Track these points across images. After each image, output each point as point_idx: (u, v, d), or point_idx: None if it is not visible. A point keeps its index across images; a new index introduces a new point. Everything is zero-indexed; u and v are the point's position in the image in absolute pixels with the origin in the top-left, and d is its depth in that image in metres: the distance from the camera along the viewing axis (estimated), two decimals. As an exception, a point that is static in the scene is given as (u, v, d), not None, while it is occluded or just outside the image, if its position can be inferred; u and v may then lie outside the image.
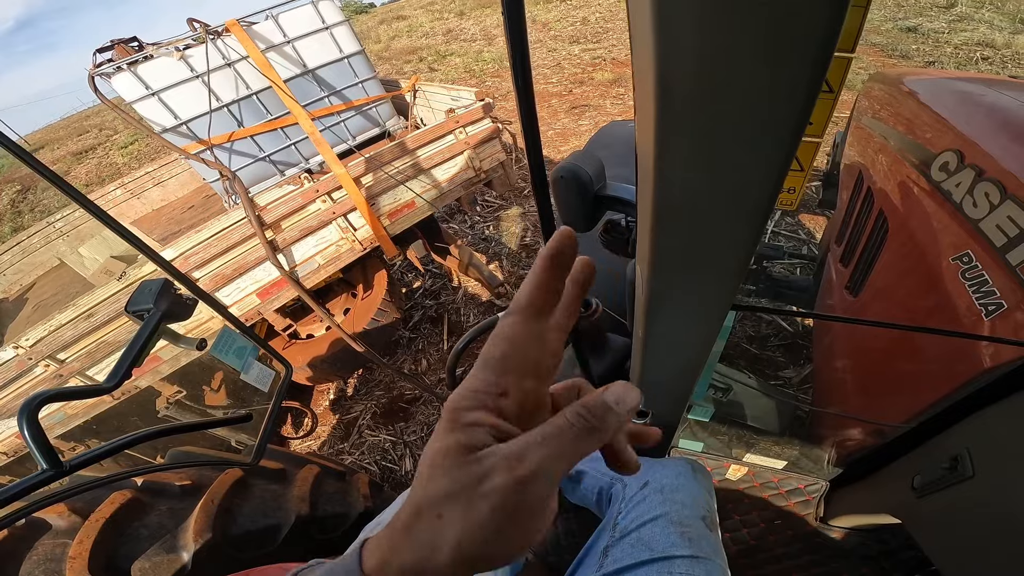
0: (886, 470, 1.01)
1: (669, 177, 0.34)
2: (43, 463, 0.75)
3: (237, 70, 2.79)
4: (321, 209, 2.25)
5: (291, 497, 1.49)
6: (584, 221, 1.08)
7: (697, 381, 0.72)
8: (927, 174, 1.11)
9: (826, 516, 1.24)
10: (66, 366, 2.07)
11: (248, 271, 2.17)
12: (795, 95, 0.26)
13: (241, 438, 2.84)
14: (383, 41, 14.49)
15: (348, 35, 3.17)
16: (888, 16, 7.16)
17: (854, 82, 5.04)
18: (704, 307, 0.50)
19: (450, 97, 3.04)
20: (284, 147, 3.07)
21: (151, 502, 1.30)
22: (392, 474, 2.67)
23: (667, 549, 0.70)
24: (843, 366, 1.49)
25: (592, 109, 6.17)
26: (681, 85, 0.27)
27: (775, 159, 0.31)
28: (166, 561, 1.13)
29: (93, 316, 1.97)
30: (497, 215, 4.36)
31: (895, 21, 6.85)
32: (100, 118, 19.10)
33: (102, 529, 1.14)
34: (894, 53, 5.84)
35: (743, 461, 1.23)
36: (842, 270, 1.60)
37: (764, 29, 0.23)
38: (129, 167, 11.15)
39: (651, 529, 0.74)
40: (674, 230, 0.39)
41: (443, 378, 3.06)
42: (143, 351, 1.02)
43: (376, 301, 2.77)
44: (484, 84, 8.59)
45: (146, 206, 4.05)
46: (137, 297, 1.07)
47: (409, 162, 2.46)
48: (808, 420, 1.57)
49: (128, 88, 2.57)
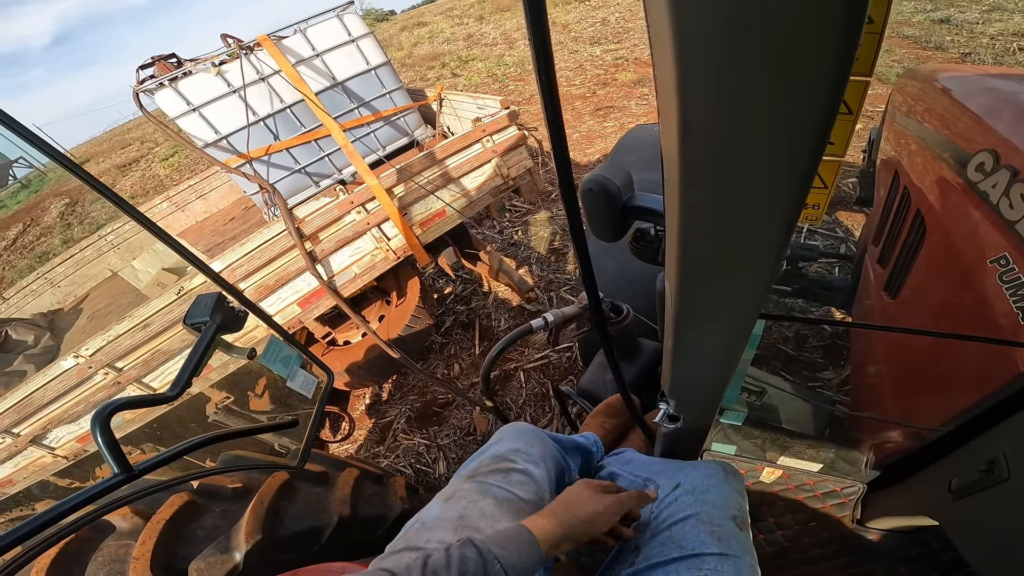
0: (923, 472, 1.00)
1: (693, 200, 0.36)
2: (115, 467, 0.80)
3: (271, 84, 2.90)
4: (356, 220, 2.32)
5: (333, 499, 1.54)
6: (613, 232, 1.10)
7: (727, 388, 0.73)
8: (963, 174, 1.09)
9: (863, 518, 1.22)
10: (123, 374, 2.19)
11: (289, 282, 2.26)
12: (812, 121, 0.28)
13: (283, 442, 2.95)
14: (405, 48, 14.69)
15: (374, 47, 3.25)
16: (919, 8, 6.92)
17: (888, 75, 4.88)
18: (731, 318, 0.52)
19: (476, 105, 3.08)
20: (318, 159, 3.16)
21: (206, 504, 1.37)
22: (426, 477, 2.72)
23: (696, 547, 0.73)
24: (880, 369, 1.47)
25: (617, 111, 6.13)
26: (703, 120, 0.29)
27: (796, 180, 0.33)
28: (220, 562, 1.18)
29: (149, 326, 2.08)
30: (525, 220, 4.39)
31: (926, 13, 6.61)
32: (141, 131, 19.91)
33: (162, 531, 1.20)
34: (928, 45, 5.64)
35: (777, 464, 1.21)
36: (879, 271, 1.57)
37: (780, 62, 0.25)
38: (171, 179, 11.62)
39: (681, 528, 0.77)
40: (700, 246, 0.41)
41: (475, 382, 3.11)
42: (201, 361, 1.07)
43: (410, 308, 2.84)
44: (507, 88, 8.64)
45: (190, 218, 4.23)
46: (194, 310, 1.11)
47: (438, 172, 2.51)
48: (846, 423, 1.55)
49: (171, 104, 2.69)
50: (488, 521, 0.75)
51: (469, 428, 2.86)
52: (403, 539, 0.74)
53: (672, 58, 0.26)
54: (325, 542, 1.41)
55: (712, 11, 0.23)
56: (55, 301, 4.16)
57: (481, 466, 0.87)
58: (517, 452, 0.90)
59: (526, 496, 0.81)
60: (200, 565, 1.16)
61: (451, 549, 0.62)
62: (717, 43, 0.24)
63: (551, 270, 3.70)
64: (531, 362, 3.04)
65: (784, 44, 0.24)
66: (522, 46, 11.22)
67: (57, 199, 14.02)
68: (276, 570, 1.03)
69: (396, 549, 0.72)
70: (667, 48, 0.26)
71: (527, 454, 0.90)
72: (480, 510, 0.76)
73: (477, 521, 0.74)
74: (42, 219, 13.37)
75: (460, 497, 0.79)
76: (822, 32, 0.23)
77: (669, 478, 0.89)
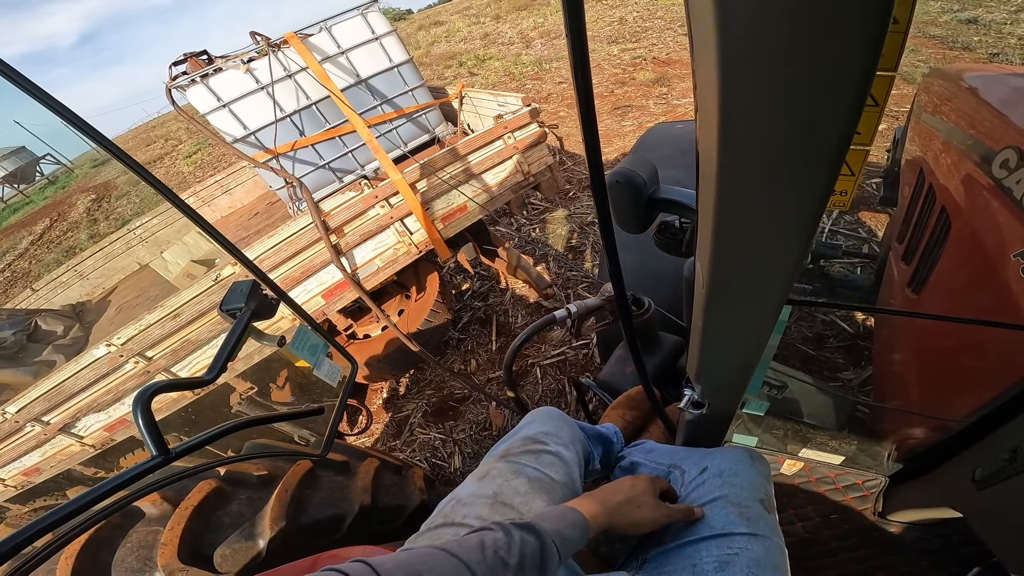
0: (946, 464, 1.01)
1: (729, 184, 0.38)
2: (153, 449, 0.82)
3: (297, 81, 2.96)
4: (380, 214, 2.35)
5: (354, 488, 1.56)
6: (638, 224, 1.11)
7: (753, 374, 0.73)
8: (988, 171, 1.10)
9: (884, 511, 1.22)
10: (153, 363, 2.25)
11: (314, 274, 2.30)
12: (843, 109, 0.30)
13: (303, 433, 3.01)
14: (423, 47, 14.79)
15: (397, 44, 3.29)
16: (945, 8, 6.79)
17: (914, 75, 4.80)
18: (760, 301, 0.53)
19: (497, 103, 3.10)
20: (342, 155, 3.22)
21: (232, 491, 1.38)
22: (441, 471, 2.75)
23: (726, 527, 0.74)
24: (904, 362, 1.47)
25: (635, 109, 6.11)
26: (743, 108, 0.31)
27: (826, 164, 0.35)
28: (244, 548, 1.20)
29: (179, 316, 2.14)
30: (543, 217, 4.40)
31: (953, 13, 6.49)
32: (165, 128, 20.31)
33: (190, 517, 1.21)
34: (955, 45, 5.54)
35: (799, 456, 1.22)
36: (904, 268, 1.57)
37: (816, 54, 0.27)
38: (194, 175, 11.86)
39: (710, 509, 0.78)
40: (732, 230, 0.43)
41: (492, 378, 3.13)
42: (236, 347, 1.09)
43: (429, 303, 2.87)
44: (524, 87, 8.66)
45: (216, 213, 4.32)
46: (229, 297, 1.12)
47: (460, 167, 2.53)
48: (868, 419, 1.55)
49: (202, 100, 2.76)
50: (522, 499, 0.77)
51: (485, 423, 2.88)
52: (440, 515, 0.76)
53: (715, 50, 0.28)
54: (346, 530, 1.42)
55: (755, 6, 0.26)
56: (84, 293, 4.28)
57: (513, 447, 0.89)
58: (548, 435, 0.91)
59: (557, 477, 0.83)
60: (225, 551, 1.18)
61: (511, 530, 0.61)
62: (759, 35, 0.27)
63: (568, 267, 3.71)
64: (548, 358, 3.05)
65: (820, 37, 0.26)
66: (539, 45, 11.23)
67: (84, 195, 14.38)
68: (298, 556, 1.05)
69: (434, 525, 0.74)
70: (710, 40, 0.28)
71: (557, 437, 0.92)
72: (514, 488, 0.78)
73: (511, 498, 0.76)
74: (69, 214, 13.75)
75: (495, 476, 0.81)
76: (853, 28, 0.26)
77: (695, 463, 0.90)
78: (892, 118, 4.09)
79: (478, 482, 0.81)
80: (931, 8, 6.88)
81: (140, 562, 1.14)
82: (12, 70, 0.64)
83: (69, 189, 19.03)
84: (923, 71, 4.80)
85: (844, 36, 0.26)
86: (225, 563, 1.17)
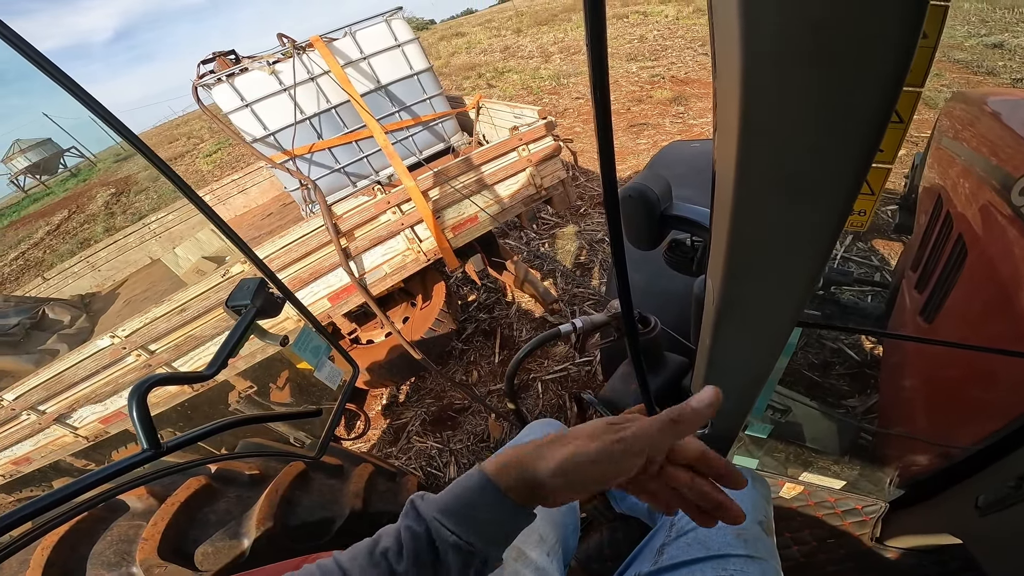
0: (949, 491, 1.00)
1: (746, 200, 0.37)
2: (144, 442, 0.81)
3: (319, 84, 2.99)
4: (391, 220, 2.36)
5: (347, 493, 1.54)
6: (649, 240, 1.10)
7: (758, 396, 0.73)
8: (1007, 198, 1.08)
9: (883, 536, 1.21)
10: (155, 357, 2.26)
11: (322, 276, 2.30)
12: (865, 125, 0.29)
13: (299, 435, 2.99)
14: (443, 57, 15.01)
15: (418, 53, 3.33)
16: (972, 32, 6.78)
17: (936, 99, 4.77)
18: (771, 321, 0.52)
19: (513, 115, 3.12)
20: (357, 159, 3.24)
21: (222, 489, 1.36)
22: (436, 480, 2.72)
23: (723, 548, 0.72)
24: (912, 389, 1.46)
25: (650, 128, 6.13)
26: (765, 122, 0.30)
27: (845, 184, 0.34)
28: (227, 547, 1.17)
29: (185, 311, 2.14)
30: (553, 232, 4.39)
31: (979, 37, 6.47)
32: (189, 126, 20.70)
33: (175, 513, 1.19)
34: (979, 70, 5.51)
35: (799, 480, 1.21)
36: (916, 296, 1.56)
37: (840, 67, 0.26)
38: (212, 174, 12.05)
39: (707, 530, 0.76)
40: (747, 247, 0.42)
41: (492, 390, 3.10)
42: (239, 343, 1.08)
43: (434, 311, 2.86)
44: (541, 101, 8.73)
45: (230, 211, 4.37)
46: (236, 293, 1.12)
47: (473, 177, 2.54)
48: (871, 445, 1.53)
49: (226, 99, 2.80)
50: None
51: (483, 435, 2.85)
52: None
53: (738, 63, 0.27)
54: (335, 534, 1.40)
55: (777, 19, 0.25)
56: (94, 284, 4.33)
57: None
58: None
59: None
60: (207, 549, 1.16)
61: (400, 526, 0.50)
62: (784, 48, 0.26)
63: (576, 283, 3.69)
64: (550, 373, 3.02)
65: (848, 48, 0.26)
66: (558, 60, 11.35)
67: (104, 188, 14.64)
68: (285, 557, 1.03)
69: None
70: (734, 53, 0.27)
71: None
72: None
73: None
74: (87, 207, 14.00)
75: None
76: (884, 38, 0.25)
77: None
78: (912, 143, 4.06)
79: None
80: (957, 32, 6.87)
81: (118, 556, 1.12)
82: (50, 63, 0.65)
83: (90, 182, 19.43)
84: (946, 96, 4.79)
85: (873, 47, 0.25)
86: (206, 561, 1.15)
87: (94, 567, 1.11)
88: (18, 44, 0.62)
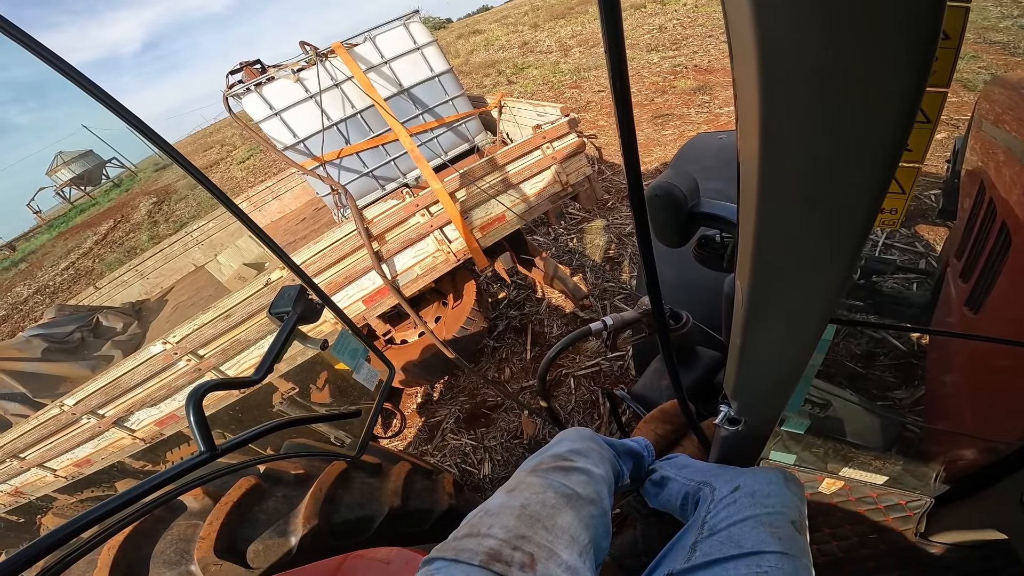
0: (996, 485, 0.98)
1: (770, 200, 0.37)
2: (202, 445, 0.86)
3: (343, 90, 3.06)
4: (420, 222, 2.41)
5: (385, 491, 1.59)
6: (677, 238, 1.09)
7: (793, 392, 0.72)
8: None
9: (927, 532, 1.18)
10: (204, 361, 2.37)
11: (356, 279, 2.37)
12: (889, 127, 0.29)
13: (339, 435, 3.08)
14: (462, 55, 15.03)
15: (437, 54, 3.36)
16: (1006, 14, 6.40)
17: (975, 81, 4.54)
18: (802, 320, 0.52)
19: (536, 113, 3.12)
20: (385, 163, 3.31)
21: (270, 488, 1.42)
22: (471, 477, 2.77)
23: (757, 546, 0.72)
24: (958, 382, 1.42)
25: (676, 118, 6.02)
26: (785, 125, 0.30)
27: (873, 183, 0.34)
28: (276, 544, 1.22)
29: (230, 317, 2.24)
30: (580, 228, 4.38)
31: (1014, 19, 6.11)
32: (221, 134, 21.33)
33: (229, 512, 1.25)
34: (1016, 52, 5.22)
35: (839, 475, 1.18)
36: (961, 286, 1.50)
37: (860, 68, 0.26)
38: (247, 181, 12.42)
39: (741, 528, 0.76)
40: (773, 247, 0.42)
41: (525, 387, 3.13)
42: (283, 348, 1.14)
43: (465, 310, 2.90)
44: (562, 96, 8.67)
45: (266, 217, 4.54)
46: (278, 301, 1.17)
47: (499, 177, 2.56)
48: (917, 439, 1.49)
49: (256, 108, 2.90)
50: (549, 512, 0.77)
51: (516, 431, 2.88)
52: (467, 525, 0.77)
53: (755, 62, 0.27)
54: (374, 531, 1.44)
55: (795, 18, 0.25)
56: (143, 292, 4.55)
57: (543, 463, 0.89)
58: (577, 453, 0.91)
59: (584, 492, 0.83)
60: (258, 547, 1.21)
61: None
62: (799, 48, 0.26)
63: (605, 278, 3.68)
64: (582, 369, 3.03)
65: (865, 51, 0.25)
66: (577, 54, 11.24)
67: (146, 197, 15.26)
68: (327, 554, 1.07)
69: (459, 536, 0.75)
70: (750, 52, 0.27)
71: (587, 457, 0.91)
72: (542, 501, 0.78)
73: (539, 511, 0.76)
74: (131, 216, 14.65)
75: (523, 488, 0.81)
76: (900, 43, 0.25)
77: (727, 481, 0.88)
78: (952, 126, 3.88)
79: (507, 494, 0.82)
80: (990, 14, 6.51)
81: (178, 555, 1.18)
82: (87, 79, 0.69)
83: (132, 192, 20.30)
84: (984, 78, 4.55)
85: (892, 54, 0.25)
86: (257, 559, 1.21)
87: (156, 566, 1.17)
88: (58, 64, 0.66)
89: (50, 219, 24.93)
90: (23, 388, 3.31)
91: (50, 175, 27.98)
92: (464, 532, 0.76)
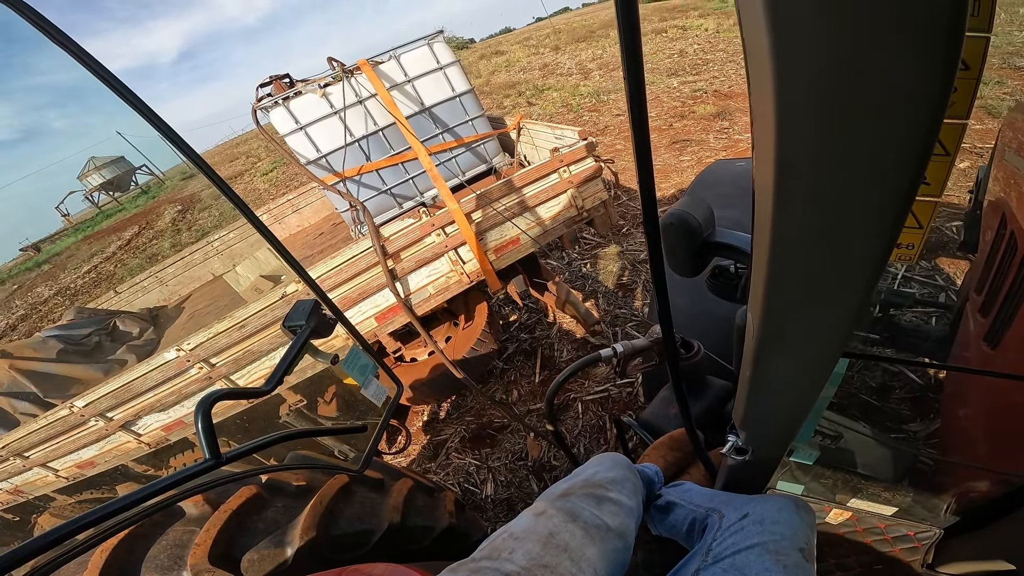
0: (1007, 517, 0.95)
1: (785, 233, 0.37)
2: (207, 452, 0.88)
3: (366, 107, 3.13)
4: (436, 242, 2.43)
5: (386, 506, 1.56)
6: (691, 268, 1.08)
7: (802, 424, 0.71)
8: None
9: (934, 563, 1.14)
10: (215, 369, 2.39)
11: (370, 296, 2.40)
12: (905, 161, 0.29)
13: (343, 448, 3.07)
14: (483, 76, 15.31)
15: (459, 75, 3.43)
16: None
17: (1000, 108, 4.49)
18: (814, 353, 0.51)
19: (554, 135, 3.15)
20: (403, 181, 3.36)
21: (270, 498, 1.40)
22: (472, 496, 2.73)
23: (761, 574, 0.70)
24: (973, 416, 1.39)
25: (694, 144, 6.03)
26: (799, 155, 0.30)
27: (888, 218, 0.33)
28: (271, 555, 1.21)
29: (244, 327, 2.27)
30: (595, 253, 4.38)
31: None
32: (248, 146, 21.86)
33: (227, 520, 1.23)
34: None
35: (847, 506, 1.15)
36: (981, 321, 1.47)
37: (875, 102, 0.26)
38: (269, 193, 12.69)
39: (746, 556, 0.74)
40: (787, 278, 0.42)
41: (532, 409, 3.10)
42: (294, 361, 1.14)
43: (476, 331, 2.90)
44: (581, 119, 8.76)
45: (285, 230, 4.63)
46: (292, 314, 1.16)
47: (515, 199, 2.58)
48: (930, 470, 1.45)
49: (283, 122, 2.98)
50: (578, 542, 0.75)
51: (521, 453, 2.85)
52: (488, 547, 0.75)
53: (771, 94, 0.27)
54: (372, 546, 1.42)
55: (812, 51, 0.25)
56: (161, 298, 4.64)
57: (574, 488, 0.87)
58: (612, 482, 0.89)
59: (613, 525, 0.81)
60: (253, 556, 1.19)
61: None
62: (816, 80, 0.26)
63: (618, 305, 3.66)
64: (591, 394, 3.00)
65: (881, 84, 0.25)
66: (597, 77, 11.38)
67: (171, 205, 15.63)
68: (323, 567, 1.05)
69: (478, 557, 0.74)
70: (767, 84, 0.27)
71: (621, 486, 0.90)
72: (570, 531, 0.77)
73: (567, 540, 0.75)
74: (156, 223, 15.02)
75: (552, 515, 0.80)
76: (917, 75, 0.25)
77: (736, 508, 0.86)
78: (976, 155, 3.83)
79: (534, 518, 0.80)
80: (1015, 39, 6.46)
81: (171, 560, 1.17)
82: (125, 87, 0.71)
83: (159, 199, 20.85)
84: (1009, 104, 4.49)
85: (908, 86, 0.25)
86: (252, 568, 1.19)
87: (148, 570, 1.16)
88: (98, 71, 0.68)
89: (77, 222, 25.64)
90: (35, 388, 3.37)
91: (81, 179, 28.83)
92: (484, 553, 0.74)
